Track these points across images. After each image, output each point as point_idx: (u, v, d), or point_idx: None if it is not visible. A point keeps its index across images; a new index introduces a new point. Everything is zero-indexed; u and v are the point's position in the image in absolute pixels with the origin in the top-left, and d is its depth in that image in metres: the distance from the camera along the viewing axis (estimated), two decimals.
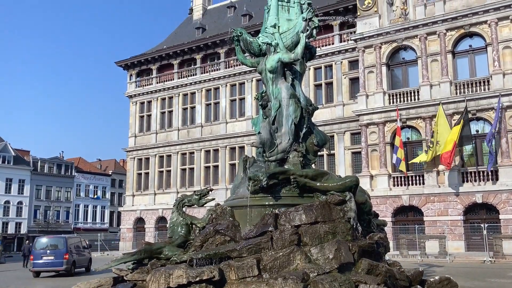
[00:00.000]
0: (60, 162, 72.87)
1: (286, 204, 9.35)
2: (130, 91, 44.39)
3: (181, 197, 10.88)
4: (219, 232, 9.21)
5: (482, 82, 27.85)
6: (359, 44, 31.63)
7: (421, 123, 29.18)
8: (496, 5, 27.57)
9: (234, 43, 11.08)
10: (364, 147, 30.68)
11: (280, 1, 11.24)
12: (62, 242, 22.34)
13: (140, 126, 43.71)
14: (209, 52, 40.98)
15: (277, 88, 10.54)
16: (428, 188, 28.24)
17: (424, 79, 29.34)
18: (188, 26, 47.01)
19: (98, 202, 75.50)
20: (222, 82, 39.58)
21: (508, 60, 27.36)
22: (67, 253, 21.67)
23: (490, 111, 27.24)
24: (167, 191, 40.85)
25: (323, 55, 34.00)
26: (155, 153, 42.03)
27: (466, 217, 27.47)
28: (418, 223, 28.16)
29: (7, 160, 65.46)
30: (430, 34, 29.51)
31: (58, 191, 70.84)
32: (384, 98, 30.38)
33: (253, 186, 9.37)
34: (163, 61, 43.20)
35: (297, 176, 9.49)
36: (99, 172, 78.25)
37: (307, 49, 10.93)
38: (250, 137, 35.23)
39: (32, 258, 21.72)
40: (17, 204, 65.90)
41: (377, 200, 28.56)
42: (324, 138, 10.96)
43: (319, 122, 27.83)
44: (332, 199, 9.16)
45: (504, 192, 26.19)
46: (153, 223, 40.98)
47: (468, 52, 29.12)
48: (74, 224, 71.26)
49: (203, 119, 40.29)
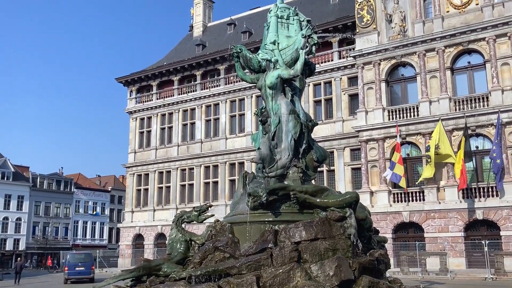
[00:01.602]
0: (60, 178, 72.74)
1: (286, 220, 9.30)
2: (130, 107, 44.51)
3: (180, 213, 10.83)
4: (219, 249, 9.14)
5: (481, 99, 27.94)
6: (358, 61, 31.81)
7: (420, 139, 29.20)
8: (493, 23, 27.80)
9: (234, 60, 11.14)
10: (364, 163, 30.65)
11: (279, 19, 11.34)
12: (90, 256, 30.45)
13: (140, 142, 43.72)
14: (209, 69, 41.18)
15: (277, 104, 10.56)
16: (428, 205, 28.14)
17: (423, 96, 29.44)
18: (188, 43, 47.33)
19: (97, 219, 75.18)
20: (222, 98, 39.70)
21: (506, 76, 27.50)
22: (93, 265, 29.98)
23: (489, 127, 27.28)
24: (167, 207, 40.70)
25: (322, 72, 34.17)
26: (155, 169, 41.97)
27: (467, 234, 27.33)
28: (418, 239, 27.99)
29: (7, 176, 65.33)
30: (428, 50, 29.69)
31: (57, 207, 70.59)
32: (384, 114, 30.45)
33: (253, 202, 9.33)
34: (163, 77, 43.40)
35: (297, 192, 9.45)
36: (99, 188, 78.08)
37: (307, 65, 10.99)
38: (250, 153, 35.23)
39: (67, 269, 28.65)
40: (15, 221, 65.58)
41: (377, 217, 28.44)
42: (324, 154, 10.95)
43: (318, 138, 27.81)
44: (332, 216, 9.12)
45: (505, 209, 26.08)
46: (152, 240, 40.74)
47: (467, 68, 29.27)
48: (73, 240, 70.87)
49: (203, 135, 40.32)
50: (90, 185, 77.95)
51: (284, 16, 11.37)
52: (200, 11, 48.06)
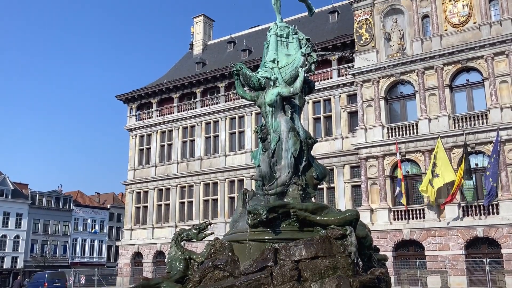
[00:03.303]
0: (59, 195, 72.50)
1: (286, 238, 9.24)
2: (130, 125, 44.60)
3: (180, 231, 10.76)
4: (218, 267, 9.07)
5: (480, 116, 28.04)
6: (357, 79, 31.99)
7: (420, 156, 29.22)
8: (491, 41, 28.04)
9: (234, 78, 11.19)
10: (363, 180, 30.61)
11: (279, 37, 11.41)
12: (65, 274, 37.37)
13: (140, 159, 43.70)
14: (209, 86, 41.37)
15: (276, 121, 10.58)
16: (428, 222, 28.03)
17: (422, 113, 29.54)
18: (188, 61, 47.63)
19: (96, 236, 74.72)
20: (221, 115, 39.82)
21: (505, 94, 27.63)
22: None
23: (489, 144, 27.32)
24: (166, 225, 40.51)
25: (321, 89, 34.33)
26: (154, 187, 41.88)
27: (468, 252, 27.17)
28: (419, 257, 27.83)
29: (5, 193, 65.10)
30: (427, 68, 29.89)
31: (56, 225, 70.20)
32: (383, 132, 30.52)
33: (253, 220, 9.28)
34: (163, 94, 43.58)
35: (297, 210, 9.41)
36: (98, 206, 77.75)
37: (306, 83, 11.03)
38: (250, 170, 35.19)
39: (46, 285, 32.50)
40: (14, 238, 65.15)
41: (378, 234, 28.31)
42: (324, 171, 10.93)
43: (318, 155, 27.86)
44: (333, 234, 9.07)
45: (505, 226, 25.98)
46: (151, 258, 40.46)
47: (466, 86, 29.42)
48: (71, 258, 70.34)
49: (203, 152, 40.34)
50: (89, 202, 77.66)
51: (283, 34, 11.45)
52: (200, 29, 48.49)
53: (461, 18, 29.60)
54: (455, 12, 29.81)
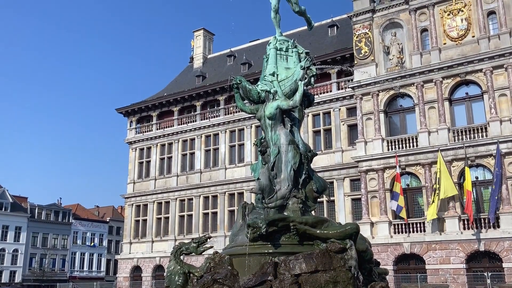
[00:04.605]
0: (58, 208, 72.26)
1: (286, 252, 9.18)
2: (130, 138, 44.62)
3: (179, 245, 10.70)
4: (217, 282, 9.00)
5: (479, 129, 28.06)
6: (357, 92, 32.07)
7: (420, 169, 29.18)
8: (490, 54, 28.16)
9: (234, 91, 11.21)
10: (363, 193, 30.54)
11: (278, 51, 11.47)
12: None
13: (139, 172, 43.63)
14: (209, 99, 41.47)
15: (276, 134, 10.58)
16: (429, 236, 27.90)
17: (422, 126, 29.57)
18: (188, 74, 47.81)
19: (95, 250, 74.33)
20: (221, 128, 39.86)
21: (504, 107, 27.68)
22: None
23: (489, 157, 27.30)
24: (165, 238, 40.32)
25: (321, 102, 34.41)
26: (153, 200, 41.76)
27: (469, 265, 26.99)
28: (420, 271, 27.64)
29: (4, 207, 64.89)
30: (426, 82, 29.98)
31: (54, 238, 69.87)
32: (383, 145, 30.51)
33: (252, 233, 9.23)
34: (164, 108, 43.67)
35: (297, 223, 9.36)
36: (97, 219, 77.46)
37: (305, 96, 11.06)
38: (249, 183, 35.11)
39: None
40: (12, 252, 64.80)
41: (378, 248, 28.16)
42: (324, 185, 10.91)
43: (318, 168, 27.82)
44: (333, 247, 9.01)
45: (506, 240, 25.85)
46: (150, 272, 40.19)
47: (465, 99, 29.49)
48: (70, 272, 69.90)
49: (202, 165, 40.30)
50: (89, 215, 77.39)
51: (283, 48, 11.50)
52: (200, 43, 48.75)
53: (459, 32, 29.78)
54: (454, 26, 29.99)
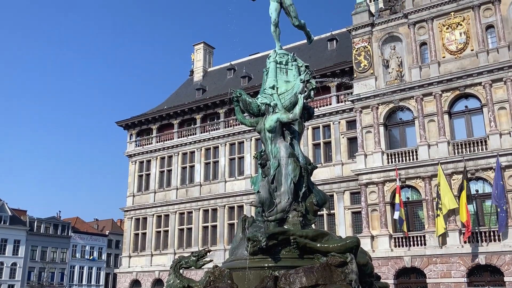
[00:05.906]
0: (57, 222, 72.03)
1: (286, 266, 9.12)
2: (130, 151, 44.59)
3: (179, 259, 10.64)
4: None
5: (479, 142, 28.07)
6: (356, 105, 32.15)
7: (420, 182, 29.13)
8: (489, 68, 28.28)
9: (234, 104, 11.23)
10: (364, 206, 30.45)
11: (278, 64, 11.52)
12: None
13: (139, 185, 43.54)
14: (209, 112, 41.54)
15: (276, 147, 10.59)
16: (430, 249, 27.76)
17: (421, 139, 29.59)
18: (188, 87, 47.96)
19: (94, 263, 73.91)
20: (221, 141, 39.87)
21: (504, 120, 27.72)
22: None
23: (489, 170, 27.27)
24: (164, 252, 40.10)
25: (321, 115, 34.47)
26: (153, 213, 41.62)
27: (470, 279, 26.80)
28: (421, 285, 27.45)
29: (3, 220, 64.71)
30: (426, 95, 30.07)
31: (53, 252, 69.55)
32: (383, 158, 30.50)
33: (252, 247, 9.18)
34: (163, 121, 43.72)
35: (297, 237, 9.32)
36: (96, 233, 77.18)
37: (305, 109, 11.08)
38: (249, 196, 35.03)
39: None
40: (11, 266, 64.46)
41: (379, 262, 28.00)
42: (324, 198, 10.88)
43: (318, 181, 27.78)
44: (333, 261, 8.96)
45: (507, 254, 25.71)
46: (150, 286, 39.90)
47: (464, 112, 29.55)
48: (69, 286, 69.49)
49: (202, 178, 40.23)
50: (88, 229, 77.09)
51: (283, 61, 11.56)
52: (200, 56, 48.99)
53: (458, 45, 29.94)
54: (453, 40, 30.16)
